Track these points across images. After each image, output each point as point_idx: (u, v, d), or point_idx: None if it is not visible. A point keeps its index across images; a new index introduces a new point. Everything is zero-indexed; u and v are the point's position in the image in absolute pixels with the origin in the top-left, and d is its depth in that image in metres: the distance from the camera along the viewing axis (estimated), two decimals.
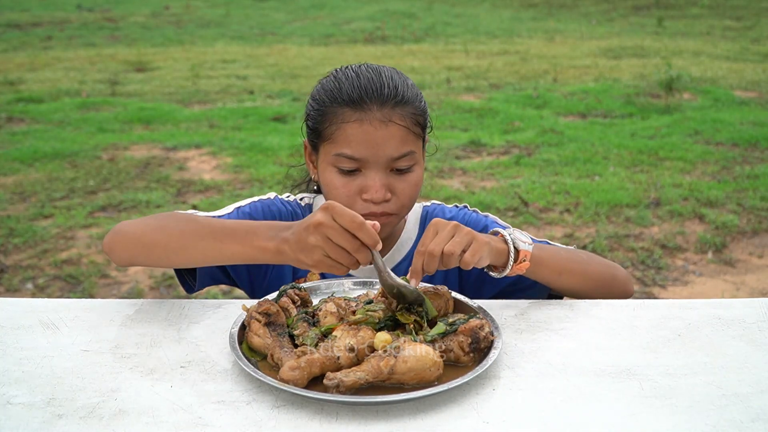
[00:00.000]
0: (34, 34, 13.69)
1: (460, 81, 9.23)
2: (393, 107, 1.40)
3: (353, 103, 1.39)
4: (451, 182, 5.49)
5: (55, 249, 4.30)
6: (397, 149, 1.40)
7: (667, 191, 5.16)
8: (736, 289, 3.81)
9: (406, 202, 1.45)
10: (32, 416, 1.04)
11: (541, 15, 16.22)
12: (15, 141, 6.62)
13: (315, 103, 1.46)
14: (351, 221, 1.14)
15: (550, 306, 1.40)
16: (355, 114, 1.38)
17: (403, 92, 1.42)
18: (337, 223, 1.14)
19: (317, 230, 1.14)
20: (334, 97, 1.41)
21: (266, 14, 16.74)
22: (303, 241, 1.16)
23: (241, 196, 5.18)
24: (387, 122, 1.38)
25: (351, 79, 1.42)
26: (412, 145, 1.42)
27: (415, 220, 1.62)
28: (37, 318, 1.33)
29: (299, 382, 1.08)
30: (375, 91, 1.39)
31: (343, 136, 1.39)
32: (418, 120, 1.44)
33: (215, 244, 1.27)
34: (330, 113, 1.41)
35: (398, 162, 1.41)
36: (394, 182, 1.42)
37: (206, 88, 8.97)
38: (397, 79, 1.43)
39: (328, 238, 1.14)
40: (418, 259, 1.25)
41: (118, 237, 1.37)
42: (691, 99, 8.06)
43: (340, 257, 1.16)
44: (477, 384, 1.13)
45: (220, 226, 1.29)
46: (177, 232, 1.31)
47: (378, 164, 1.40)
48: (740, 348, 1.25)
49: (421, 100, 1.47)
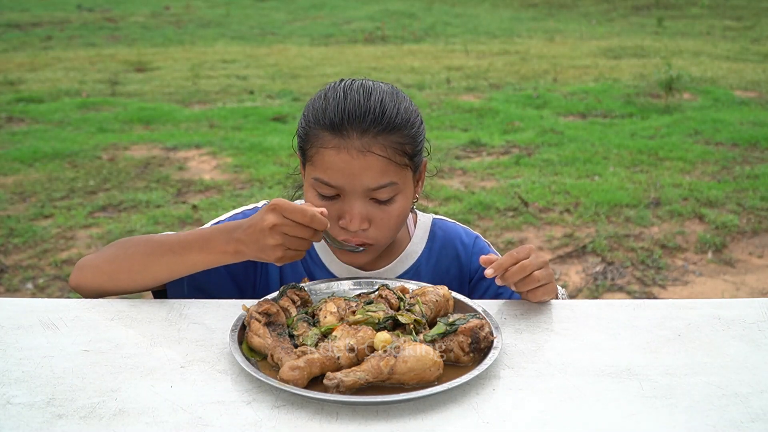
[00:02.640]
0: (34, 34, 13.69)
1: (460, 81, 9.23)
2: (375, 136, 1.33)
3: (334, 128, 1.33)
4: (451, 182, 5.49)
5: (55, 249, 4.30)
6: (374, 180, 1.34)
7: (667, 191, 5.16)
8: (736, 289, 3.81)
9: (385, 232, 1.40)
10: (32, 416, 1.04)
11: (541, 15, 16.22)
12: (15, 141, 6.62)
13: (303, 121, 1.42)
14: (302, 216, 1.22)
15: (550, 306, 1.40)
16: (334, 140, 1.33)
17: (390, 118, 1.34)
18: (289, 219, 1.22)
19: (274, 231, 1.23)
20: (318, 119, 1.37)
21: (266, 14, 16.74)
22: (261, 242, 1.24)
23: (241, 196, 5.18)
24: (365, 152, 1.32)
25: (338, 101, 1.35)
26: (393, 176, 1.35)
27: (423, 234, 1.58)
28: (37, 318, 1.33)
29: (299, 382, 1.08)
30: (358, 117, 1.32)
31: (321, 161, 1.35)
32: (405, 149, 1.36)
33: (175, 258, 1.33)
34: (312, 135, 1.37)
35: (376, 193, 1.35)
36: (374, 211, 1.37)
37: (206, 88, 8.97)
38: (387, 102, 1.35)
39: (285, 235, 1.23)
40: (509, 260, 1.30)
41: (82, 272, 1.41)
42: (691, 99, 8.06)
43: (299, 247, 1.26)
44: (477, 384, 1.13)
45: (176, 241, 1.35)
46: (138, 255, 1.37)
47: (355, 193, 1.35)
48: (740, 348, 1.25)
49: (412, 125, 1.38)
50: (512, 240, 4.37)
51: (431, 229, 1.59)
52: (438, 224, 1.61)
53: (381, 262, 1.54)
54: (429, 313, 1.28)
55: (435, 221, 1.61)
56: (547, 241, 4.39)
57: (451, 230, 1.60)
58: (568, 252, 4.24)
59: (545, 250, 4.28)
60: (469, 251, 1.57)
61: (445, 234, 1.59)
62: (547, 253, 4.24)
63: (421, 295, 1.31)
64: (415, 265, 1.55)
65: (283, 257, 1.25)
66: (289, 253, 1.25)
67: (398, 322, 1.24)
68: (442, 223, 1.61)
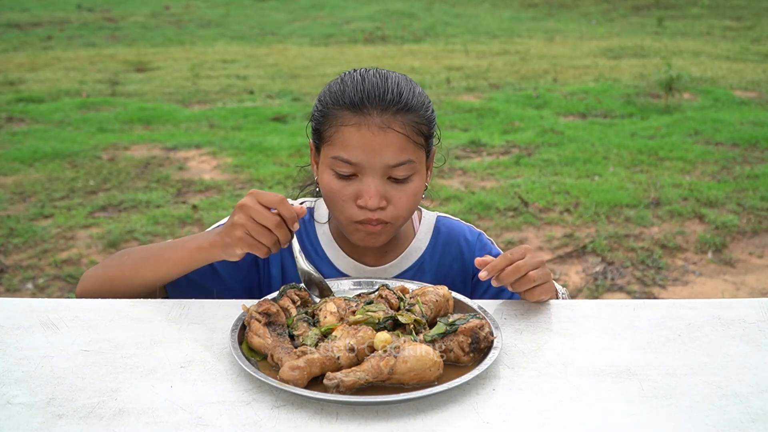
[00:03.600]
0: (34, 34, 13.69)
1: (460, 81, 9.22)
2: (394, 114, 1.37)
3: (354, 107, 1.37)
4: (451, 182, 5.49)
5: (55, 249, 4.30)
6: (394, 157, 1.37)
7: (667, 191, 5.16)
8: (736, 289, 3.81)
9: (402, 212, 1.42)
10: (32, 416, 1.04)
11: (541, 15, 16.22)
12: (15, 141, 6.62)
13: (319, 104, 1.45)
14: (272, 198, 1.27)
15: (550, 306, 1.40)
16: (354, 118, 1.37)
17: (407, 99, 1.38)
18: (260, 204, 1.27)
19: (241, 210, 1.28)
20: (337, 100, 1.40)
21: (266, 14, 16.74)
22: (228, 223, 1.30)
23: (241, 196, 5.17)
24: (386, 129, 1.36)
25: (356, 83, 1.40)
26: (412, 155, 1.39)
27: (427, 230, 1.60)
28: (37, 318, 1.33)
29: (299, 382, 1.08)
30: (377, 96, 1.37)
31: (341, 139, 1.38)
32: (421, 129, 1.40)
33: (160, 259, 1.40)
34: (331, 115, 1.40)
35: (395, 170, 1.38)
36: (391, 191, 1.39)
37: (206, 88, 8.97)
38: (403, 85, 1.41)
39: (251, 217, 1.27)
40: (504, 262, 1.31)
41: (85, 282, 1.48)
42: (691, 99, 8.06)
43: (261, 235, 1.27)
44: (477, 384, 1.13)
45: (165, 245, 1.43)
46: (129, 261, 1.45)
47: (374, 170, 1.37)
48: (740, 348, 1.25)
49: (427, 108, 1.43)
50: (512, 240, 4.37)
51: (435, 226, 1.61)
52: (442, 221, 1.63)
53: (386, 258, 1.55)
54: (429, 313, 1.28)
55: (439, 218, 1.63)
56: (547, 241, 4.39)
57: (455, 227, 1.62)
58: (568, 252, 4.24)
59: (545, 250, 4.28)
60: (472, 248, 1.59)
61: (449, 231, 1.61)
62: (547, 253, 4.24)
63: (421, 295, 1.31)
64: (419, 261, 1.57)
65: (243, 240, 1.28)
66: (248, 239, 1.28)
67: (398, 322, 1.24)
68: (446, 220, 1.63)
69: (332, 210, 1.45)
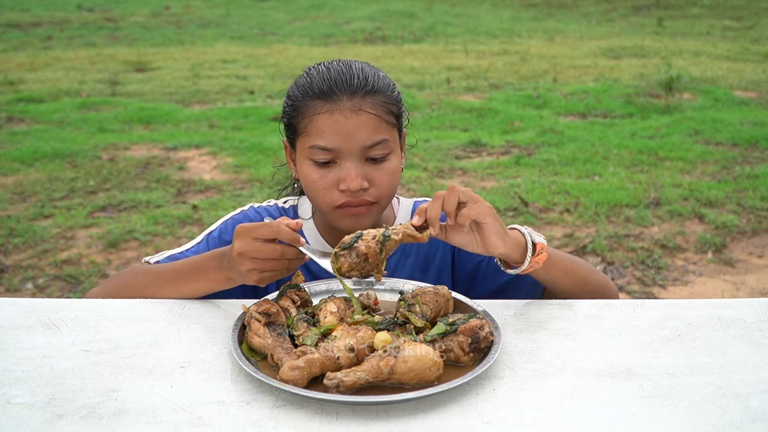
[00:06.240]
0: (34, 34, 13.69)
1: (460, 81, 9.22)
2: (363, 96, 1.40)
3: (324, 95, 1.40)
4: (451, 182, 5.48)
5: (55, 249, 4.30)
6: (369, 137, 1.40)
7: (667, 191, 5.16)
8: (736, 289, 3.81)
9: (384, 190, 1.44)
10: (32, 416, 1.04)
11: (541, 15, 16.22)
12: (15, 141, 6.62)
13: (289, 100, 1.48)
14: (267, 230, 1.26)
15: (550, 306, 1.40)
16: (325, 105, 1.40)
17: (374, 82, 1.43)
18: (255, 242, 1.25)
19: (242, 258, 1.27)
20: (306, 91, 1.43)
21: (266, 14, 16.73)
22: (238, 270, 1.29)
23: (241, 196, 5.18)
24: (357, 111, 1.39)
25: (321, 73, 1.44)
26: (386, 134, 1.42)
27: (406, 214, 1.64)
28: (37, 318, 1.33)
29: (299, 382, 1.08)
30: (344, 82, 1.40)
31: (316, 128, 1.40)
32: (391, 109, 1.44)
33: (174, 288, 1.41)
34: (302, 107, 1.43)
35: (372, 150, 1.41)
36: (371, 171, 1.42)
37: (206, 88, 8.97)
38: (367, 70, 1.45)
39: (254, 259, 1.26)
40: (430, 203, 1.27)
41: None
42: (691, 99, 8.06)
43: (273, 267, 1.28)
44: (477, 384, 1.13)
45: (171, 270, 1.43)
46: (138, 287, 1.44)
47: (352, 154, 1.40)
48: (740, 348, 1.25)
49: (393, 89, 1.47)
50: None
51: (413, 209, 1.64)
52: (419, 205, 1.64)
53: None
54: (429, 313, 1.28)
55: (416, 203, 1.67)
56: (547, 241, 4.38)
57: None
58: (568, 252, 4.24)
59: None
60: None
61: None
62: None
63: (421, 295, 1.31)
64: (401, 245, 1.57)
65: (262, 279, 1.29)
66: (265, 275, 1.29)
67: (398, 322, 1.24)
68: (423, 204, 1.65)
69: (315, 201, 1.47)
